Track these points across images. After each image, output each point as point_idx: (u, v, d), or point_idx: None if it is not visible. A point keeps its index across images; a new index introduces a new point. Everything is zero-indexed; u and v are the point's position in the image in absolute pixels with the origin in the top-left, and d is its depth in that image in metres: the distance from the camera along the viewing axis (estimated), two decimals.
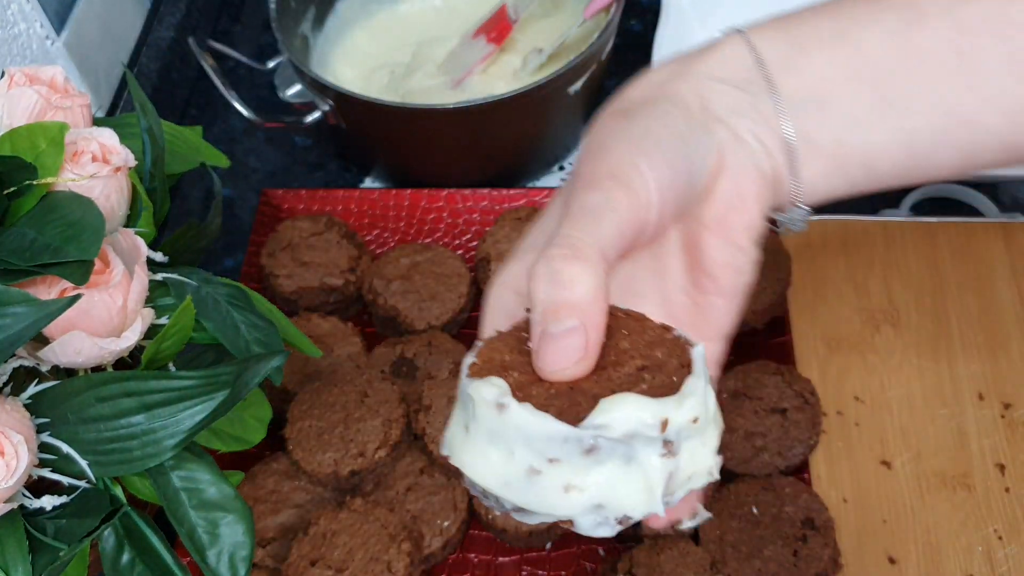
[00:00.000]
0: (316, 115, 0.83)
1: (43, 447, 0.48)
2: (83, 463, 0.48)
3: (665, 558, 0.64)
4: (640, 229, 0.39)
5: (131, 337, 0.49)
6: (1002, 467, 0.70)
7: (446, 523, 0.68)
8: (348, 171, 0.95)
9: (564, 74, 0.80)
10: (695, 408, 0.35)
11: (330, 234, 0.81)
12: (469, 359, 0.37)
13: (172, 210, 0.93)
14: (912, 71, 0.42)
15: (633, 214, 0.39)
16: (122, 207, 0.53)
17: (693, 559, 0.64)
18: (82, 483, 0.50)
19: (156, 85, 0.95)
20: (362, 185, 0.94)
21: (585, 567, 0.69)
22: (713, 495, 0.68)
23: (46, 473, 0.48)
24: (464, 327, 0.81)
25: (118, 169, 0.52)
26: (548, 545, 0.70)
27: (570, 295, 0.36)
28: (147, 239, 0.54)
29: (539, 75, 0.87)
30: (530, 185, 0.92)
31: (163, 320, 0.53)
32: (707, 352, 0.39)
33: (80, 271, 0.46)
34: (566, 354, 0.36)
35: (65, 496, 0.49)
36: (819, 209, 0.44)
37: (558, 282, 0.36)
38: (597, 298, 0.36)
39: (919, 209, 0.86)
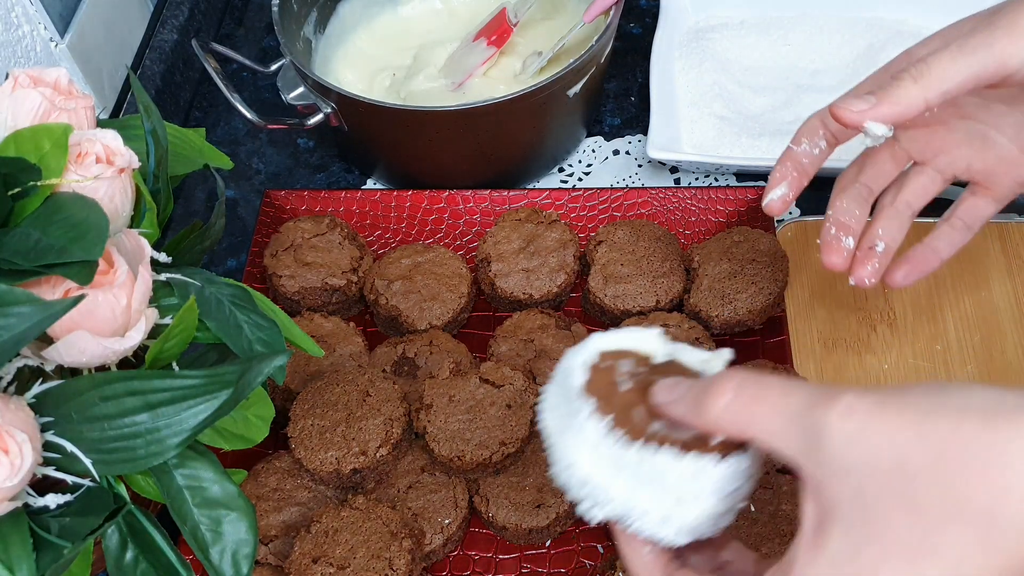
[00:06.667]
0: (318, 117, 0.83)
1: (47, 446, 0.48)
2: (87, 461, 0.48)
3: None
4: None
5: (135, 337, 0.49)
6: None
7: (447, 521, 0.68)
8: (350, 172, 0.96)
9: (564, 76, 0.80)
10: None
11: (332, 235, 0.82)
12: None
13: (176, 211, 0.93)
14: None
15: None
16: (126, 208, 0.53)
17: None
18: (86, 481, 0.50)
19: (160, 87, 0.95)
20: (364, 186, 0.94)
21: (584, 564, 0.69)
22: None
23: (50, 471, 0.49)
24: (464, 327, 0.82)
25: (122, 170, 0.52)
26: (548, 543, 0.70)
27: None
28: (151, 240, 0.54)
29: (539, 78, 0.87)
30: (530, 186, 0.92)
31: (167, 320, 0.53)
32: None
33: (84, 271, 0.46)
34: None
35: (69, 494, 0.50)
36: (815, 211, 0.44)
37: None
38: None
39: None
